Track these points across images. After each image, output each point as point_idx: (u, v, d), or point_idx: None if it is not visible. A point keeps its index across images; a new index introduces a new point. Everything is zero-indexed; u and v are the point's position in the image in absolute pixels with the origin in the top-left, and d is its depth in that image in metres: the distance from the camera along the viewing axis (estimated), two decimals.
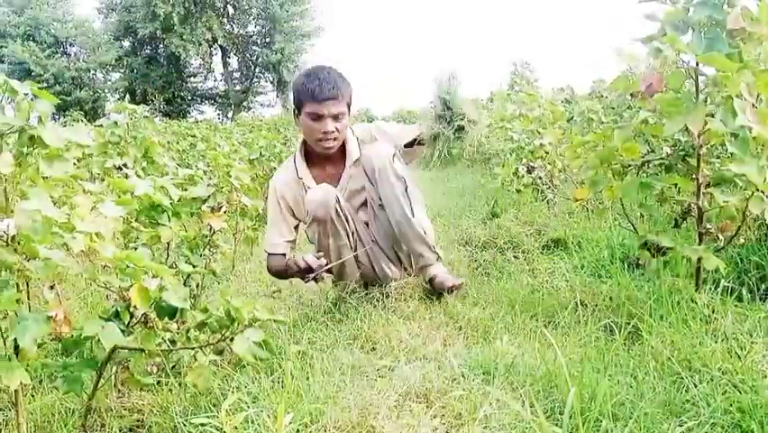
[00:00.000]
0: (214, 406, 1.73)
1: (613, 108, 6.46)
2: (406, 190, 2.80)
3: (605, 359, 1.89)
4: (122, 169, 3.51)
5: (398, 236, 2.84)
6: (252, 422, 1.60)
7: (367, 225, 2.95)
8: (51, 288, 1.77)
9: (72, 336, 1.66)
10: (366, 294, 2.80)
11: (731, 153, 2.12)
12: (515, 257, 3.71)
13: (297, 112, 2.84)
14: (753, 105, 2.11)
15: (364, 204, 2.95)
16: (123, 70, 39.86)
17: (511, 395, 1.77)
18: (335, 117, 2.77)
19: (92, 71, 37.85)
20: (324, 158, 2.92)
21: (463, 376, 1.92)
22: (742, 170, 2.09)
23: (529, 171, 4.87)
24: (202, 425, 1.59)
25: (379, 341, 2.18)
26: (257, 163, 5.65)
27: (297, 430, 1.57)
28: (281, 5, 40.01)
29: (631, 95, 2.36)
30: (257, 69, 43.67)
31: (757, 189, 2.16)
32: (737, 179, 2.22)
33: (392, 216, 2.80)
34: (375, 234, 2.94)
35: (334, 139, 2.80)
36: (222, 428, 1.52)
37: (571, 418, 1.51)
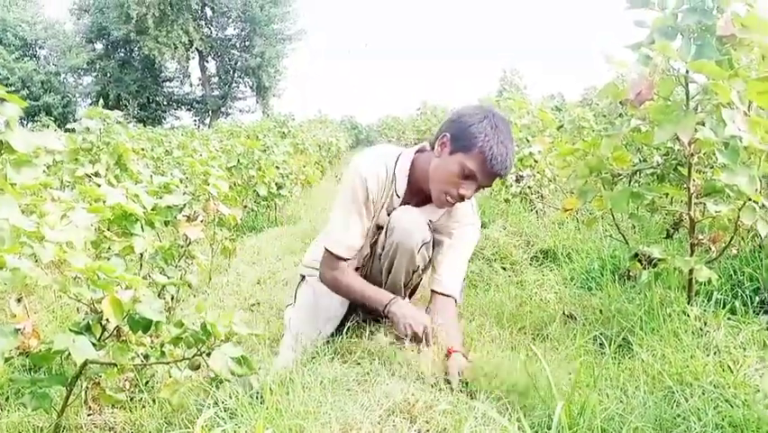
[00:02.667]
0: (190, 423, 1.67)
1: (605, 116, 6.44)
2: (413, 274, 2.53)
3: (594, 373, 1.85)
4: (95, 176, 3.41)
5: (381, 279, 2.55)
6: None
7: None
8: (19, 300, 1.71)
9: (41, 350, 1.60)
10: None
11: (722, 163, 2.08)
12: (503, 268, 3.67)
13: (449, 142, 2.33)
14: (744, 113, 2.07)
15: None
16: (95, 74, 39.10)
17: (497, 410, 1.71)
18: (480, 188, 2.40)
19: (62, 75, 37.50)
20: (425, 187, 2.46)
21: (449, 390, 1.87)
22: (733, 180, 2.05)
23: (518, 180, 4.83)
24: None
25: (361, 355, 2.12)
26: (235, 171, 5.58)
27: None
28: (261, 8, 39.51)
29: (620, 103, 2.32)
30: (236, 74, 43.25)
31: (749, 199, 2.12)
32: (728, 190, 2.18)
33: (382, 276, 2.53)
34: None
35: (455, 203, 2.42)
36: None
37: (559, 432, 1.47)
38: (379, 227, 2.54)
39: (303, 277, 2.73)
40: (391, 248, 2.43)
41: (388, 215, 2.50)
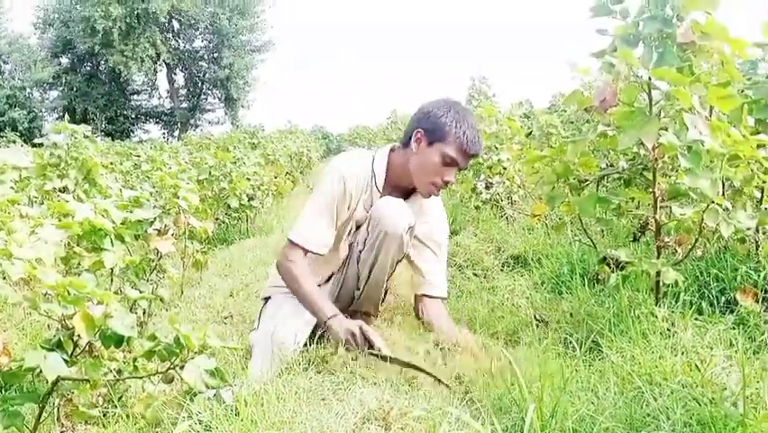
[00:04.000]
0: None
1: (572, 122, 6.52)
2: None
3: (565, 375, 1.87)
4: (63, 191, 3.37)
5: (357, 287, 2.61)
6: None
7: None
8: None
9: (11, 368, 1.58)
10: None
11: (685, 167, 2.12)
12: (474, 275, 3.70)
13: (424, 137, 2.49)
14: (706, 117, 2.12)
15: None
16: (61, 88, 38.60)
17: (471, 414, 1.73)
18: (460, 171, 2.59)
19: (28, 89, 36.75)
20: (401, 183, 2.61)
21: (423, 396, 1.88)
22: (695, 183, 2.09)
23: (488, 188, 4.89)
24: None
25: (336, 364, 2.13)
26: (206, 183, 5.56)
27: None
28: (229, 19, 39.39)
29: (585, 109, 2.36)
30: (204, 86, 43.03)
31: (712, 202, 2.17)
32: (692, 193, 2.23)
33: (362, 276, 2.57)
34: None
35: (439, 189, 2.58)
36: None
37: None
38: (358, 226, 2.59)
39: (265, 300, 2.72)
40: (378, 238, 2.46)
41: (367, 211, 2.55)
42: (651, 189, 2.36)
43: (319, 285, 2.64)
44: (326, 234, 2.49)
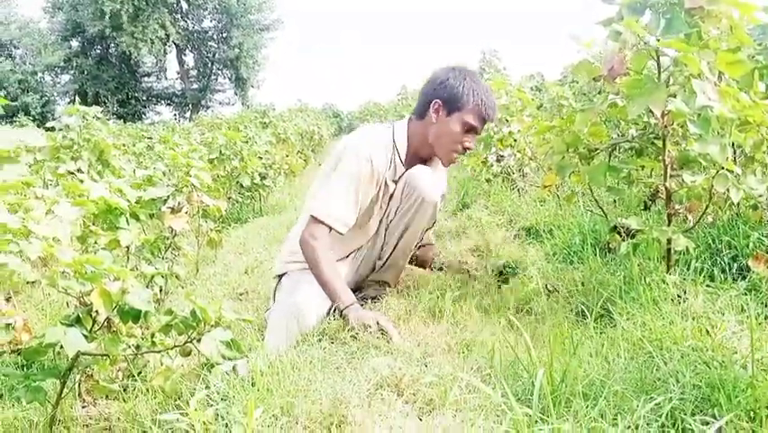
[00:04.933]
0: (184, 409, 1.69)
1: (584, 94, 6.46)
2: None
3: (574, 341, 1.88)
4: (77, 173, 3.40)
5: (380, 257, 2.73)
6: (223, 418, 1.57)
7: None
8: (8, 300, 1.73)
9: (31, 345, 1.62)
10: None
11: (695, 134, 2.11)
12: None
13: (443, 107, 2.56)
14: (715, 83, 2.11)
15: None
16: (72, 72, 38.91)
17: (482, 379, 1.76)
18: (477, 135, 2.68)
19: (39, 74, 37.15)
20: (420, 153, 2.67)
21: (434, 364, 1.91)
22: (705, 149, 2.09)
23: (498, 160, 4.88)
24: (169, 422, 1.55)
25: (348, 335, 2.15)
26: (218, 162, 5.58)
27: (268, 425, 1.54)
28: None
29: (594, 79, 2.35)
30: (214, 66, 43.16)
31: (722, 168, 2.17)
32: (701, 159, 2.22)
33: (388, 245, 2.69)
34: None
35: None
36: (192, 424, 1.49)
37: (541, 399, 1.50)
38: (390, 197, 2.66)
39: (279, 278, 2.73)
40: (414, 205, 2.58)
41: (395, 183, 2.63)
42: (661, 157, 2.36)
43: (339, 260, 2.67)
44: (350, 214, 2.49)
